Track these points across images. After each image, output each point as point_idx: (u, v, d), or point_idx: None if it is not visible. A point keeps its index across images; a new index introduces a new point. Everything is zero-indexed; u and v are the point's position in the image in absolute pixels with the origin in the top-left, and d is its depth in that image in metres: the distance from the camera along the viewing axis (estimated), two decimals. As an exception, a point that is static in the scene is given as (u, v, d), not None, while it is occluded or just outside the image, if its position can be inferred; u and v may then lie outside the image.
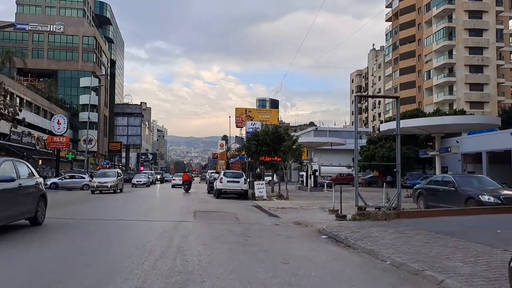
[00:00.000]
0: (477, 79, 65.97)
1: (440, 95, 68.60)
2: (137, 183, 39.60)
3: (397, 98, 12.61)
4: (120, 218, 11.53)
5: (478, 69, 66.34)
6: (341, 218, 11.70)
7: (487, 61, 65.61)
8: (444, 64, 67.48)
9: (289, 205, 17.56)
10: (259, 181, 21.79)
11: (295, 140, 23.56)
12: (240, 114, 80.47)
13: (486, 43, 65.50)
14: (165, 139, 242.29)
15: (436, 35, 68.95)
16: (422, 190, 15.07)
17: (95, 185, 25.57)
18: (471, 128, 23.98)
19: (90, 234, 8.46)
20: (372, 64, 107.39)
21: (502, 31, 68.12)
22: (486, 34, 65.89)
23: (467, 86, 66.24)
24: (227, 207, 16.29)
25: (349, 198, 23.00)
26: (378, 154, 41.65)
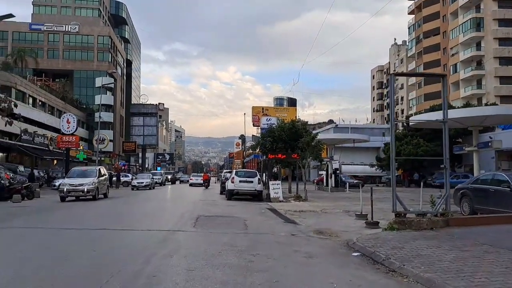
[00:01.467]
0: (508, 72, 62.17)
1: (468, 89, 64.99)
2: (138, 185, 33.31)
3: (443, 77, 10.33)
4: (97, 227, 9.48)
5: (508, 61, 62.51)
6: (372, 225, 9.53)
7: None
8: (472, 56, 63.91)
9: (309, 208, 15.43)
10: (274, 180, 19.71)
11: (314, 136, 21.40)
12: (256, 112, 78.38)
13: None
14: (182, 139, 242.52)
15: (462, 27, 65.38)
16: (466, 190, 12.71)
17: (65, 189, 18.08)
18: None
19: (36, 245, 6.53)
20: (394, 59, 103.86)
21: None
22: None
23: (497, 80, 62.52)
24: (237, 210, 14.29)
25: (377, 200, 20.73)
26: (404, 151, 39.00)
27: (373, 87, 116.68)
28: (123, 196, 23.18)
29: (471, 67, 64.58)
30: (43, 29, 66.06)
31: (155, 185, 37.66)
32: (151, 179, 35.71)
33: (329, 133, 48.40)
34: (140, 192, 28.95)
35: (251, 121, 76.60)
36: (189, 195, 25.54)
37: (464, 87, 65.77)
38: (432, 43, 74.95)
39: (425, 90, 76.45)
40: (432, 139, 40.61)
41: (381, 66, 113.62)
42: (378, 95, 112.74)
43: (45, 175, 32.85)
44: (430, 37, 75.62)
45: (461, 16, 65.33)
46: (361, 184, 35.63)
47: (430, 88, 74.84)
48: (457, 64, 66.99)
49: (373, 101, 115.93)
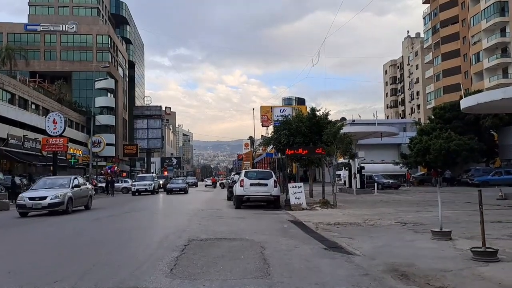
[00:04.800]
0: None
1: (493, 79, 60.20)
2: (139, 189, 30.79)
3: None
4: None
5: (537, 47, 57.76)
6: (486, 257, 5.34)
7: (548, 37, 57.02)
8: (496, 44, 59.24)
9: (346, 219, 11.29)
10: (294, 183, 15.59)
11: (340, 126, 17.28)
12: (265, 112, 74.49)
13: (545, 17, 57.01)
14: (191, 143, 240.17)
15: (485, 12, 60.74)
16: None
17: (23, 203, 14.13)
18: None
19: None
20: (407, 52, 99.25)
21: None
22: (545, 6, 57.36)
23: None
24: (249, 226, 10.19)
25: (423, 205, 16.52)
26: (433, 146, 34.57)
27: (385, 82, 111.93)
28: (107, 207, 19.16)
29: (495, 55, 59.89)
30: (39, 30, 62.84)
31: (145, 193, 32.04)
32: (154, 182, 33.26)
33: (347, 128, 44.04)
34: (137, 199, 25.12)
35: (260, 121, 72.79)
36: (188, 203, 21.52)
37: (488, 77, 61.04)
38: (450, 32, 70.45)
39: (444, 82, 71.91)
40: (463, 132, 36.20)
41: (393, 61, 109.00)
42: (392, 90, 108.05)
43: (29, 183, 29.01)
44: (448, 26, 71.11)
45: (483, 1, 60.74)
46: (436, 179, 31.57)
47: (449, 80, 70.28)
48: (480, 52, 62.31)
49: (386, 97, 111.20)
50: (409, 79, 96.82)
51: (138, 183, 33.03)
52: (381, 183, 29.93)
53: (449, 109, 38.71)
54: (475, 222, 9.83)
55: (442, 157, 34.23)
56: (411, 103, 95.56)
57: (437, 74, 74.20)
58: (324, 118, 18.54)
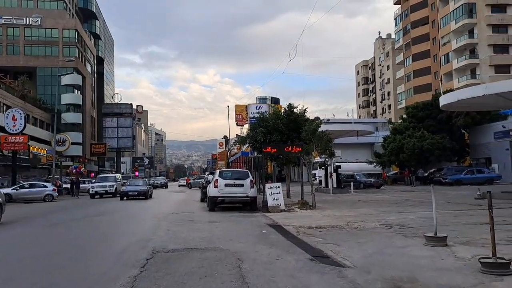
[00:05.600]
0: (503, 60, 59.03)
1: (462, 80, 61.51)
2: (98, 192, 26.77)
3: None
4: None
5: (503, 49, 59.36)
6: (497, 269, 4.71)
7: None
8: (465, 45, 60.54)
9: (327, 221, 10.62)
10: (271, 183, 14.82)
11: (319, 123, 16.66)
12: (240, 111, 73.45)
13: (511, 19, 58.69)
14: (164, 143, 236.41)
15: (454, 14, 61.99)
16: None
17: None
18: None
19: None
20: (379, 53, 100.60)
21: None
22: (511, 9, 59.01)
23: (492, 68, 59.20)
24: (224, 232, 9.30)
25: (403, 205, 16.08)
26: (407, 145, 34.69)
27: (358, 83, 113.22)
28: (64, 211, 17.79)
29: (464, 56, 61.22)
30: (1, 22, 59.78)
31: None
32: (117, 183, 28.34)
33: (323, 127, 43.71)
34: (102, 202, 23.52)
35: (235, 120, 71.72)
36: (158, 205, 20.41)
37: (457, 78, 62.35)
38: (421, 33, 71.70)
39: (414, 82, 73.13)
40: (436, 131, 36.51)
41: (365, 61, 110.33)
42: (364, 91, 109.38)
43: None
44: (419, 27, 72.35)
45: (452, 3, 62.00)
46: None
47: (420, 81, 71.51)
48: (449, 53, 63.56)
49: (358, 97, 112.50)
50: (380, 79, 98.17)
51: (98, 184, 28.62)
52: (363, 182, 29.64)
53: (422, 108, 39.01)
54: (465, 224, 9.37)
55: (416, 156, 34.39)
56: (382, 103, 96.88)
57: (408, 75, 75.35)
58: (301, 115, 17.91)
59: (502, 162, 33.77)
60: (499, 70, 58.76)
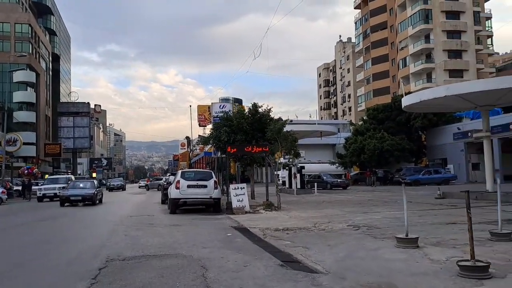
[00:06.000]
0: (457, 65, 61.68)
1: (418, 83, 63.72)
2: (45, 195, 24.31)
3: None
4: None
5: (457, 54, 62.02)
6: (476, 273, 4.53)
7: (466, 45, 61.42)
8: (422, 49, 62.80)
9: (293, 223, 10.33)
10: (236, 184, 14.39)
11: (284, 123, 16.41)
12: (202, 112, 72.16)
13: (464, 26, 61.42)
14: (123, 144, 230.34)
15: (411, 19, 64.14)
16: None
17: None
18: None
19: None
20: (339, 56, 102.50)
21: (479, 14, 64.28)
22: (464, 16, 61.77)
23: (446, 73, 61.68)
24: (186, 236, 8.75)
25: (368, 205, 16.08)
26: (368, 146, 35.33)
27: (319, 85, 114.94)
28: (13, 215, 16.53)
29: (421, 60, 63.47)
30: None
31: None
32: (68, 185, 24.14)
33: (288, 127, 43.77)
34: (42, 206, 21.64)
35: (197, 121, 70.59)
36: (117, 207, 19.48)
37: (414, 81, 64.52)
38: (380, 37, 73.61)
39: (374, 85, 75.00)
40: (395, 133, 37.47)
41: (326, 64, 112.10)
42: (325, 93, 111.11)
43: None
44: (378, 31, 74.26)
45: (409, 8, 64.11)
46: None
47: (379, 84, 73.41)
48: (407, 57, 65.68)
49: (320, 99, 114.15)
50: (341, 82, 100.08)
51: (47, 187, 26.02)
52: (329, 182, 29.68)
53: (382, 110, 39.88)
54: (431, 224, 9.33)
55: (376, 157, 35.08)
56: (343, 105, 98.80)
57: (368, 78, 77.21)
58: (266, 114, 17.61)
59: (457, 162, 35.08)
60: (453, 74, 61.30)
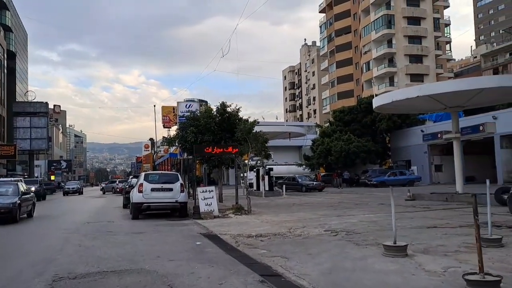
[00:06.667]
0: (418, 70, 63.48)
1: (382, 87, 65.02)
2: None
3: None
4: None
5: (418, 59, 63.82)
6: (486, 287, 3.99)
7: (426, 50, 63.35)
8: (384, 54, 64.15)
9: (267, 228, 9.67)
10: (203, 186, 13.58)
11: (254, 122, 15.76)
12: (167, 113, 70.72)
13: (425, 32, 63.34)
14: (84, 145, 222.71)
15: (374, 24, 65.43)
16: None
17: None
18: None
19: None
20: (304, 59, 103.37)
21: (439, 21, 66.55)
22: (424, 23, 63.70)
23: (408, 77, 63.28)
24: (150, 246, 7.86)
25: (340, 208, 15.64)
26: (335, 148, 35.32)
27: (285, 87, 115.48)
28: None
29: (383, 64, 64.78)
30: None
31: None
32: None
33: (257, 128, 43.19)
34: None
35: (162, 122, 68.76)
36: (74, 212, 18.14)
37: (378, 85, 65.77)
38: (344, 41, 74.70)
39: (338, 88, 75.96)
40: (361, 135, 37.73)
41: (292, 67, 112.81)
42: (291, 95, 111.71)
43: None
44: (342, 35, 75.33)
45: (372, 13, 65.39)
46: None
47: (343, 87, 74.42)
48: (370, 61, 66.88)
49: (285, 101, 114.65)
50: (306, 85, 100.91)
51: None
52: (304, 185, 29.03)
53: (348, 112, 40.11)
54: (411, 228, 8.91)
55: (343, 159, 35.13)
56: (308, 107, 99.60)
57: (332, 81, 78.11)
58: (235, 114, 16.89)
59: (421, 164, 35.73)
60: (414, 78, 62.94)
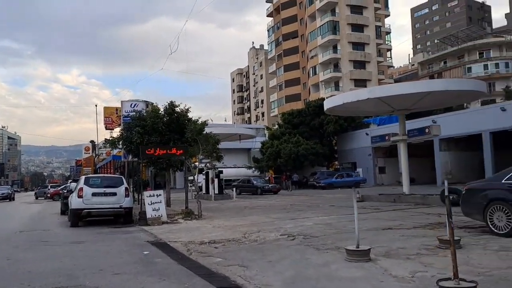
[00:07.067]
0: (361, 75, 65.74)
1: (328, 91, 66.66)
2: None
3: None
4: None
5: (361, 65, 66.15)
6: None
7: (369, 57, 65.86)
8: (330, 59, 65.86)
9: (220, 233, 9.16)
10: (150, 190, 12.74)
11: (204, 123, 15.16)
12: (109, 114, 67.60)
13: (367, 39, 65.77)
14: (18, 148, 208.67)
15: (320, 29, 67.04)
16: (505, 194, 7.10)
17: None
18: (460, 98, 17.19)
19: None
20: (252, 62, 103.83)
21: (380, 29, 69.49)
22: (367, 30, 66.16)
23: (352, 82, 65.38)
24: (90, 257, 7.05)
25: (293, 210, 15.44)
26: (284, 150, 35.44)
27: (233, 90, 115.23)
28: None
29: (329, 69, 66.44)
30: None
31: None
32: None
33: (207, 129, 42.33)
34: None
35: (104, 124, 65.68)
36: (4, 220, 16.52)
37: (324, 89, 67.35)
38: (291, 46, 75.79)
39: (286, 92, 76.92)
40: (309, 137, 38.19)
41: (240, 69, 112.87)
42: (239, 98, 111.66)
43: None
44: (289, 40, 76.39)
45: (318, 19, 66.93)
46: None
47: (291, 90, 75.44)
48: (317, 66, 68.34)
49: (233, 104, 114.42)
50: (254, 87, 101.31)
51: None
52: (260, 187, 28.50)
53: (297, 115, 40.50)
54: (367, 231, 8.77)
55: (292, 161, 35.33)
56: (256, 110, 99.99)
57: (280, 84, 78.96)
58: (184, 114, 16.15)
59: (366, 166, 36.82)
60: (358, 84, 65.14)
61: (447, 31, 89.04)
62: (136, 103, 23.87)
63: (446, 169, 28.64)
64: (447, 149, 29.37)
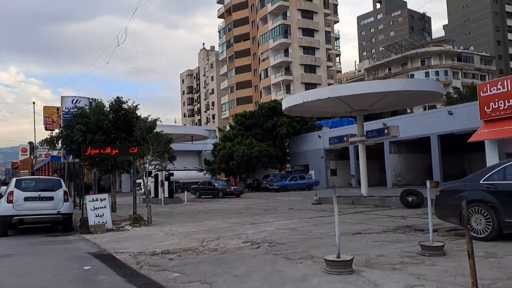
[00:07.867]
0: (312, 79, 66.59)
1: (279, 94, 66.89)
2: None
3: None
4: None
5: (312, 69, 67.05)
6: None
7: (319, 61, 66.94)
8: (281, 62, 66.19)
9: (174, 242, 8.17)
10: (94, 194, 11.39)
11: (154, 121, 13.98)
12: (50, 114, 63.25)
13: (318, 43, 66.81)
14: None
15: (272, 33, 67.23)
16: (481, 193, 6.88)
17: None
18: (417, 100, 17.22)
19: None
20: (203, 64, 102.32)
21: (330, 34, 70.89)
22: (317, 35, 67.21)
23: (303, 86, 66.03)
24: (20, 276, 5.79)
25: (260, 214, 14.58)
26: (237, 152, 34.64)
27: (183, 91, 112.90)
28: None
29: (281, 72, 66.70)
30: None
31: None
32: None
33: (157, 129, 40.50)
34: None
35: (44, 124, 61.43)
36: None
37: (275, 91, 67.50)
38: (243, 48, 75.36)
39: (237, 94, 76.35)
40: (262, 139, 37.68)
41: (190, 71, 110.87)
42: (189, 100, 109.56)
43: None
44: (241, 42, 75.93)
45: (270, 22, 67.06)
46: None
47: (242, 93, 74.95)
48: (268, 69, 68.40)
49: (183, 106, 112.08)
50: (205, 89, 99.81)
51: None
52: (221, 189, 27.20)
53: (250, 117, 39.89)
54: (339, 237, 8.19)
55: (245, 163, 34.62)
56: (207, 112, 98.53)
57: (231, 86, 78.23)
58: (133, 112, 14.84)
59: (318, 168, 36.90)
60: (308, 87, 65.77)
61: (391, 39, 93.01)
62: (79, 99, 21.94)
63: (395, 171, 29.24)
64: (397, 152, 30.01)
